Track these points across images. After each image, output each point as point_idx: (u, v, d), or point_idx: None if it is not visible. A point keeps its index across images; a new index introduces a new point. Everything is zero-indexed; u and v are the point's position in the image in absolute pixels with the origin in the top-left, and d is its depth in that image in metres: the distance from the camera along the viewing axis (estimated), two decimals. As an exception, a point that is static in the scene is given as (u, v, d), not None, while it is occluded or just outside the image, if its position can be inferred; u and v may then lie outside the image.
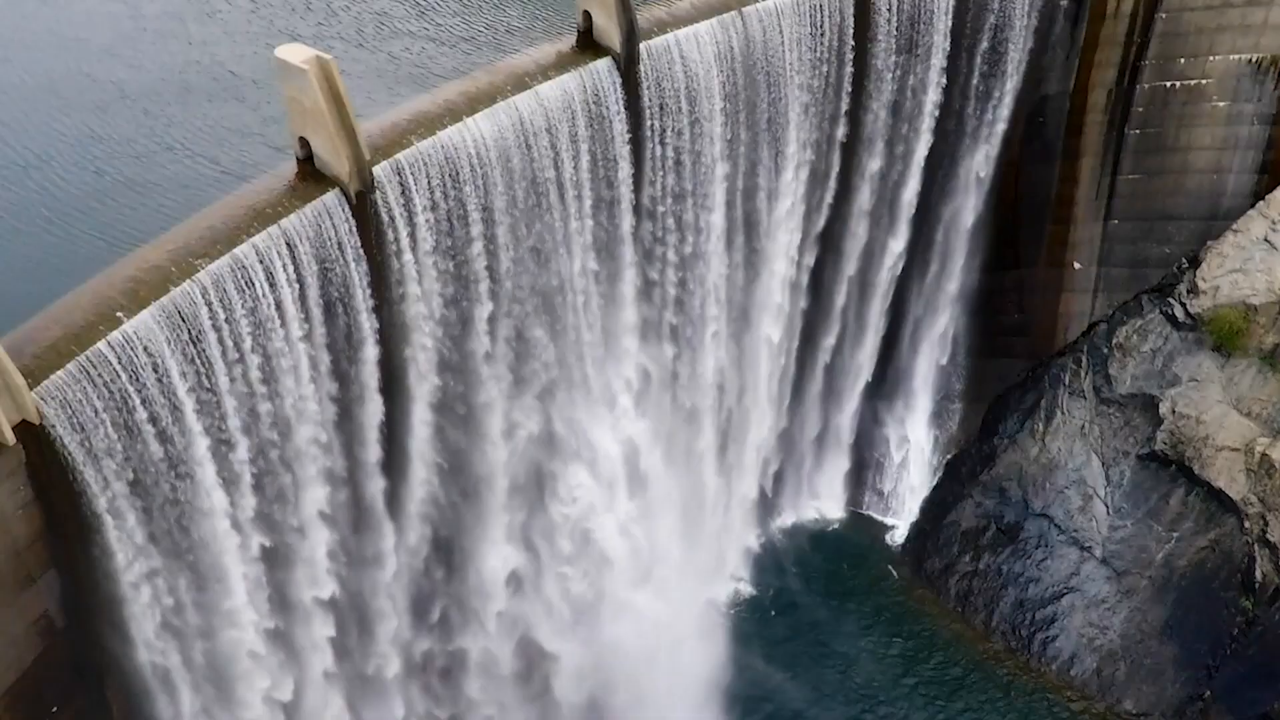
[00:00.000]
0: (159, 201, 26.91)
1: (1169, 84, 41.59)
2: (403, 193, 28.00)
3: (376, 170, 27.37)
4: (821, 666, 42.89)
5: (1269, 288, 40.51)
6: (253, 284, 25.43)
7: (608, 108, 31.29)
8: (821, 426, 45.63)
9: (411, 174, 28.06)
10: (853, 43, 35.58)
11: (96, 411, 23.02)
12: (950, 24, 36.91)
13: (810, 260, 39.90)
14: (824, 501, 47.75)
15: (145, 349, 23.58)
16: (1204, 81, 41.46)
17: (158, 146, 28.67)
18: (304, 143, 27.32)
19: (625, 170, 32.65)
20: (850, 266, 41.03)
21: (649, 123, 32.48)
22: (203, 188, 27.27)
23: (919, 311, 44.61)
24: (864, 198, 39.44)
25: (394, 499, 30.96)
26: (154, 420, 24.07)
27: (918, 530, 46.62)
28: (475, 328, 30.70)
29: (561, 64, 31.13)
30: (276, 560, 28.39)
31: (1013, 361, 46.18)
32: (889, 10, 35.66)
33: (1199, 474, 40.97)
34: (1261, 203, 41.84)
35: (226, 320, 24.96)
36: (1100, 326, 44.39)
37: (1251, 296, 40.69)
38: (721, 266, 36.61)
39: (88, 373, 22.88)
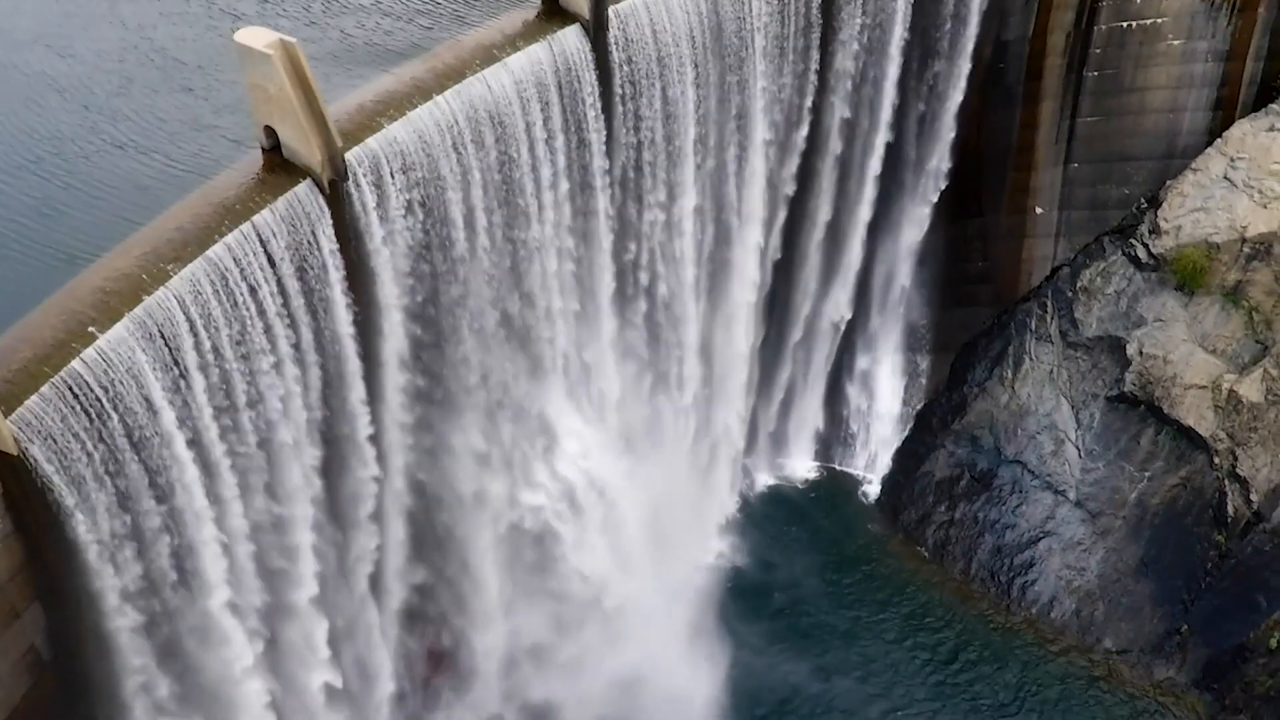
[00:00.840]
0: (116, 204, 24.96)
1: (1125, 24, 41.37)
2: (376, 180, 26.58)
3: (349, 157, 25.92)
4: (803, 625, 42.82)
5: (1230, 225, 40.82)
6: (228, 286, 23.98)
7: (579, 76, 30.08)
8: (790, 385, 45.21)
9: (386, 159, 26.64)
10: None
11: (76, 435, 21.55)
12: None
13: (781, 219, 39.25)
14: (795, 460, 47.49)
15: (122, 363, 22.11)
16: (1159, 20, 41.31)
17: (105, 144, 26.50)
18: (270, 132, 25.75)
19: (598, 138, 31.50)
20: (822, 217, 40.39)
21: (619, 88, 31.36)
22: (162, 187, 25.33)
23: (885, 265, 44.21)
24: (832, 147, 38.76)
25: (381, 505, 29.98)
26: (135, 438, 22.65)
27: (891, 483, 46.67)
28: (455, 315, 29.54)
29: (529, 33, 29.76)
30: (270, 575, 27.23)
31: (978, 310, 46.13)
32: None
33: (1168, 413, 41.44)
34: (1219, 140, 42.03)
35: (205, 326, 23.52)
36: (1063, 271, 44.50)
37: (1214, 235, 40.97)
38: (694, 230, 35.78)
39: (63, 395, 21.38)
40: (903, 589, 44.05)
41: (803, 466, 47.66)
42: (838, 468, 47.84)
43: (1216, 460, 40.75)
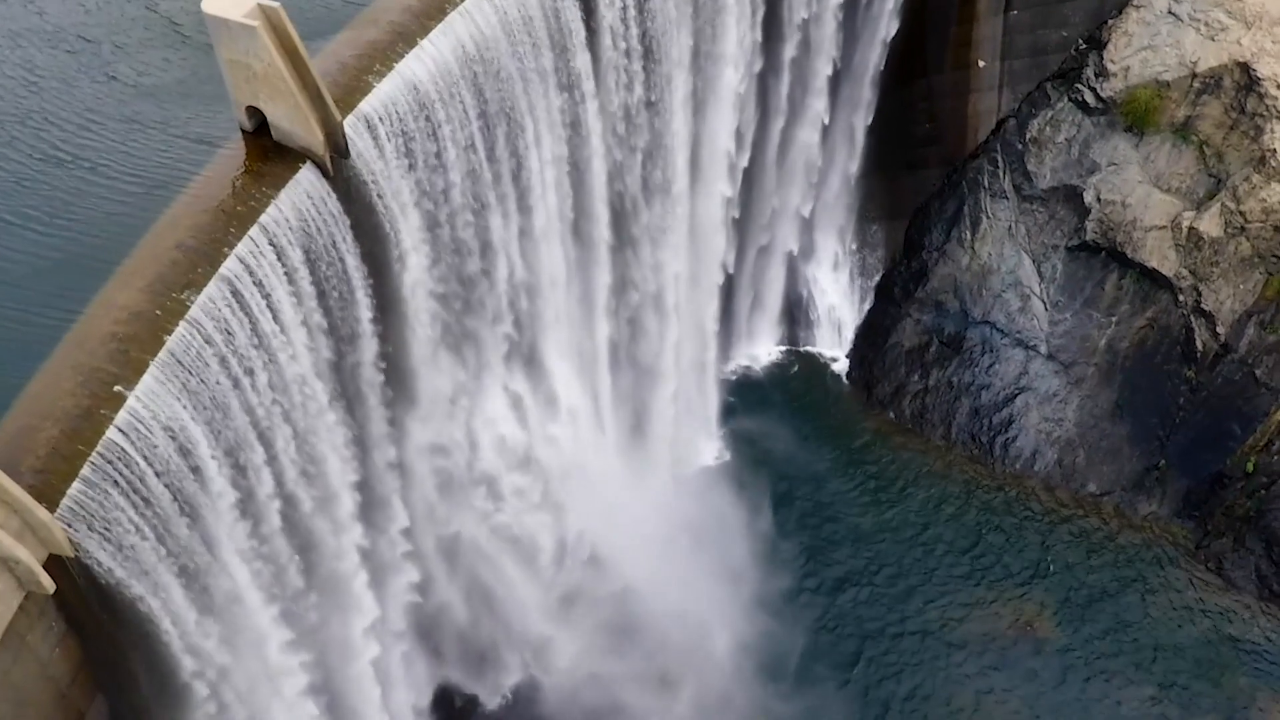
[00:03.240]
0: (87, 231, 20.90)
1: None
2: (378, 149, 23.19)
3: (346, 129, 22.41)
4: (797, 507, 42.46)
5: (1180, 62, 40.27)
6: (249, 305, 20.66)
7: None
8: (755, 275, 43.66)
9: (384, 124, 23.19)
10: None
11: (126, 515, 18.43)
12: None
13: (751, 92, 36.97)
14: (762, 346, 46.36)
15: (161, 423, 18.86)
16: None
17: (43, 160, 22.01)
18: (253, 113, 21.96)
19: (584, 57, 28.43)
20: (783, 89, 38.19)
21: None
22: (134, 205, 21.35)
23: (837, 135, 42.41)
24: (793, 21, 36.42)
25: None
26: (183, 499, 19.59)
27: (860, 358, 46.07)
28: (473, 278, 26.68)
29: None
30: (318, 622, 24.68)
31: (929, 172, 45.04)
32: None
33: (1131, 257, 41.61)
34: (1160, -26, 41.11)
35: (238, 361, 20.28)
36: (1010, 123, 43.53)
37: (1164, 73, 40.40)
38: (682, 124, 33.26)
39: (106, 474, 18.14)
40: (886, 460, 43.99)
41: (771, 353, 46.56)
42: (803, 350, 46.90)
43: (1181, 298, 41.32)
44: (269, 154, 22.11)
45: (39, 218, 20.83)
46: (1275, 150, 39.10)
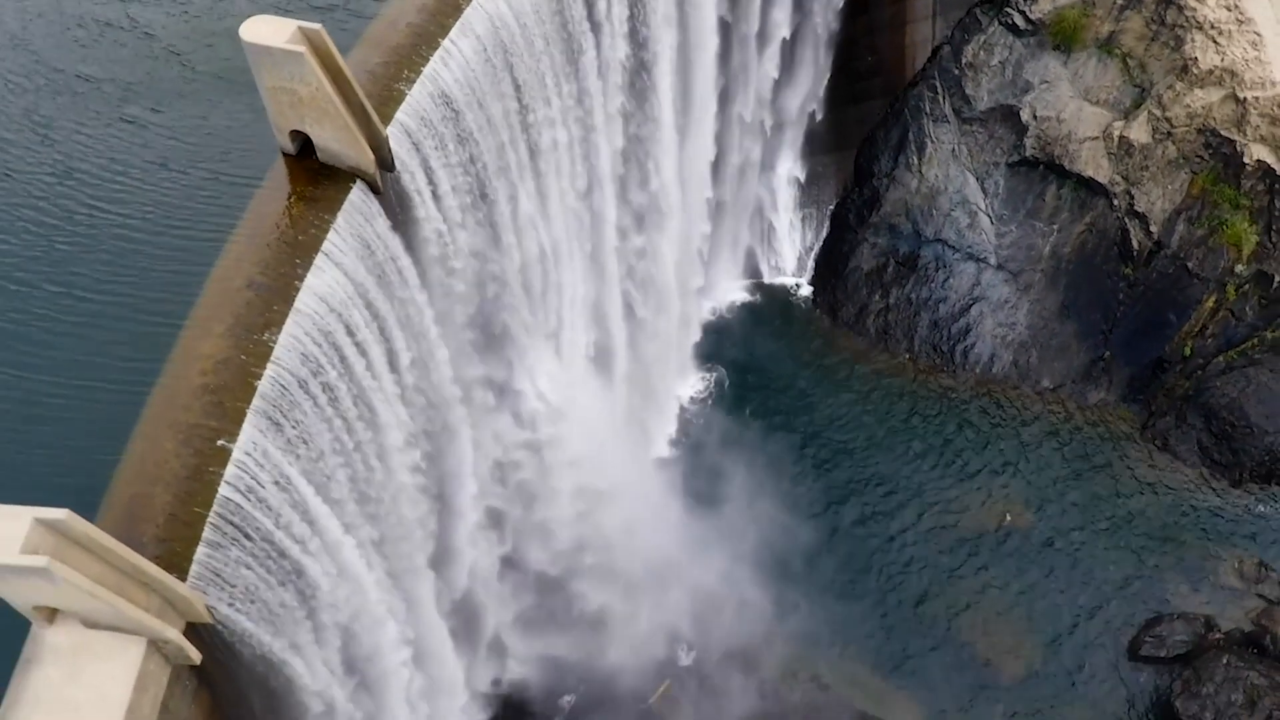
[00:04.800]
0: (147, 285, 18.71)
1: None
2: (420, 157, 21.36)
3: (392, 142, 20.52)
4: (776, 421, 42.15)
5: (1103, -20, 39.79)
6: (331, 335, 18.97)
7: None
8: (722, 211, 42.44)
9: (423, 130, 21.33)
10: None
11: (253, 571, 16.95)
12: None
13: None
14: (729, 280, 45.41)
15: (269, 473, 17.27)
16: None
17: (79, 218, 19.54)
18: (296, 136, 19.92)
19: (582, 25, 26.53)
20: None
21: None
22: (190, 250, 19.21)
23: (793, 77, 41.14)
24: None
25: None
26: (302, 546, 18.12)
27: (823, 284, 45.52)
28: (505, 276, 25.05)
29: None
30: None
31: (872, 103, 44.11)
32: None
33: (1068, 168, 41.48)
34: (1078, -104, 40.26)
35: (330, 402, 18.65)
36: (945, 50, 42.67)
37: (1085, -8, 39.91)
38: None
39: (226, 532, 16.59)
40: (857, 375, 43.84)
41: (734, 288, 45.69)
42: (767, 282, 46.15)
43: (1116, 202, 41.47)
44: (316, 176, 20.14)
45: (92, 282, 18.61)
46: (1196, 59, 39.03)
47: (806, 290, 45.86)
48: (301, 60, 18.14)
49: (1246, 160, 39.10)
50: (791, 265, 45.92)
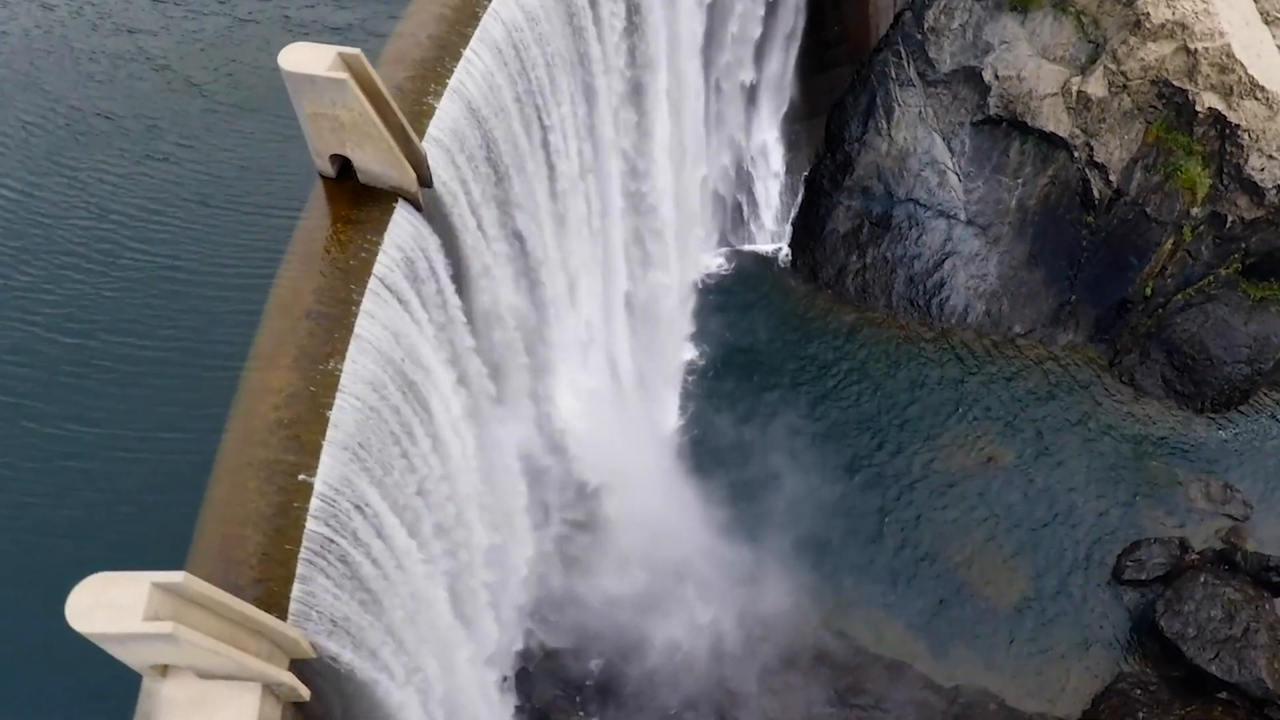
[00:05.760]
0: (205, 324, 17.70)
1: None
2: (455, 169, 20.50)
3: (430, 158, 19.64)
4: (770, 386, 42.12)
5: (1056, -59, 39.39)
6: (392, 359, 18.22)
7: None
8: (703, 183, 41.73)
9: (454, 143, 20.45)
10: None
11: (345, 603, 16.35)
12: None
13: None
14: (709, 250, 44.87)
15: (350, 501, 16.62)
16: None
17: (126, 261, 18.33)
18: (336, 159, 18.95)
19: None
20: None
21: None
22: (241, 285, 18.19)
23: (771, 48, 40.38)
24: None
25: None
26: (380, 565, 17.54)
27: (801, 248, 45.16)
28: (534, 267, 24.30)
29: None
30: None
31: (840, 71, 43.50)
32: None
33: (1030, 124, 41.32)
34: None
35: (399, 427, 17.95)
36: (907, 15, 42.08)
37: (1044, -46, 39.49)
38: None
39: (318, 566, 15.96)
40: (840, 332, 43.72)
41: (715, 257, 45.19)
42: (746, 249, 45.69)
43: (1076, 154, 41.47)
44: (357, 198, 19.23)
45: (148, 327, 17.59)
46: (1148, 14, 38.89)
47: (786, 254, 45.48)
48: (345, 87, 17.19)
49: (1198, 108, 39.21)
50: (770, 232, 45.47)
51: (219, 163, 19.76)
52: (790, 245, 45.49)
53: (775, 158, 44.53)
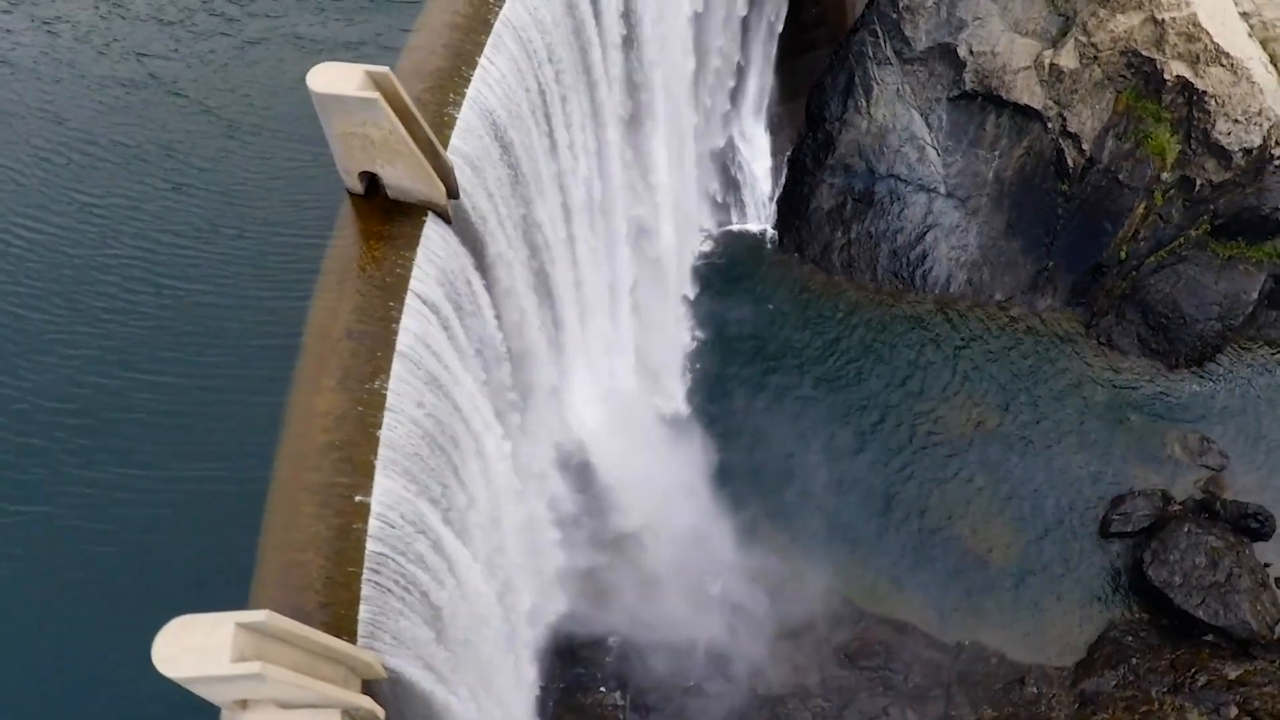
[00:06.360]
0: (243, 351, 17.11)
1: None
2: (480, 179, 19.98)
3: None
4: (764, 350, 42.05)
5: (1026, -82, 39.07)
6: (435, 376, 17.80)
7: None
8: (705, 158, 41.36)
9: (477, 152, 19.91)
10: None
11: (410, 621, 16.05)
12: None
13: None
14: (698, 232, 44.49)
15: (407, 519, 16.27)
16: None
17: (133, 294, 17.59)
18: (364, 176, 18.38)
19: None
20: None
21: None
22: (277, 308, 17.58)
23: (755, 32, 39.83)
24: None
25: None
26: (438, 578, 17.23)
27: (787, 226, 44.91)
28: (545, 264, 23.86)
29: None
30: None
31: (818, 52, 43.08)
32: None
33: (1005, 97, 41.21)
34: None
35: (438, 427, 17.56)
36: (880, -5, 41.77)
37: (1013, -69, 39.18)
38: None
39: (380, 585, 15.62)
40: (828, 306, 43.62)
41: (708, 235, 44.84)
42: (734, 229, 45.37)
43: (1050, 125, 41.44)
44: (386, 213, 18.69)
45: (188, 356, 16.98)
46: (1117, -14, 38.80)
47: (772, 233, 45.23)
48: (376, 106, 16.62)
49: (1166, 76, 39.26)
50: (756, 211, 45.15)
51: (245, 188, 19.07)
52: (776, 225, 45.21)
53: (759, 140, 44.08)
